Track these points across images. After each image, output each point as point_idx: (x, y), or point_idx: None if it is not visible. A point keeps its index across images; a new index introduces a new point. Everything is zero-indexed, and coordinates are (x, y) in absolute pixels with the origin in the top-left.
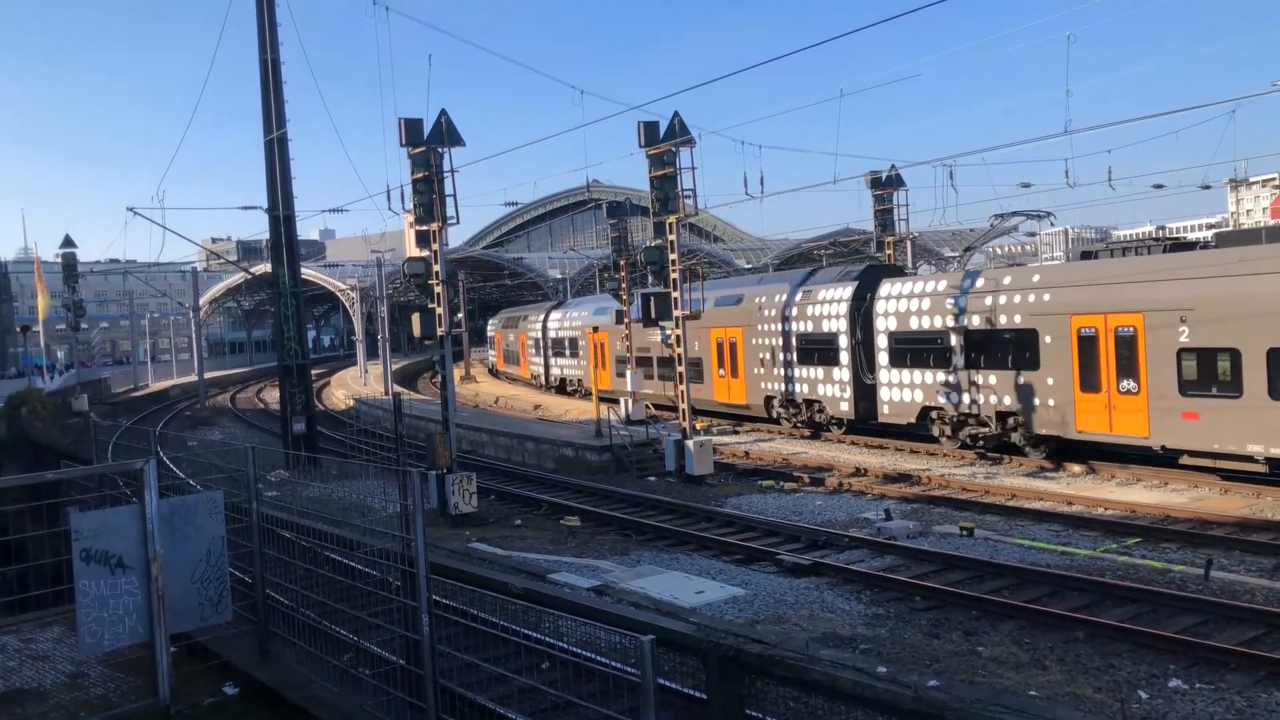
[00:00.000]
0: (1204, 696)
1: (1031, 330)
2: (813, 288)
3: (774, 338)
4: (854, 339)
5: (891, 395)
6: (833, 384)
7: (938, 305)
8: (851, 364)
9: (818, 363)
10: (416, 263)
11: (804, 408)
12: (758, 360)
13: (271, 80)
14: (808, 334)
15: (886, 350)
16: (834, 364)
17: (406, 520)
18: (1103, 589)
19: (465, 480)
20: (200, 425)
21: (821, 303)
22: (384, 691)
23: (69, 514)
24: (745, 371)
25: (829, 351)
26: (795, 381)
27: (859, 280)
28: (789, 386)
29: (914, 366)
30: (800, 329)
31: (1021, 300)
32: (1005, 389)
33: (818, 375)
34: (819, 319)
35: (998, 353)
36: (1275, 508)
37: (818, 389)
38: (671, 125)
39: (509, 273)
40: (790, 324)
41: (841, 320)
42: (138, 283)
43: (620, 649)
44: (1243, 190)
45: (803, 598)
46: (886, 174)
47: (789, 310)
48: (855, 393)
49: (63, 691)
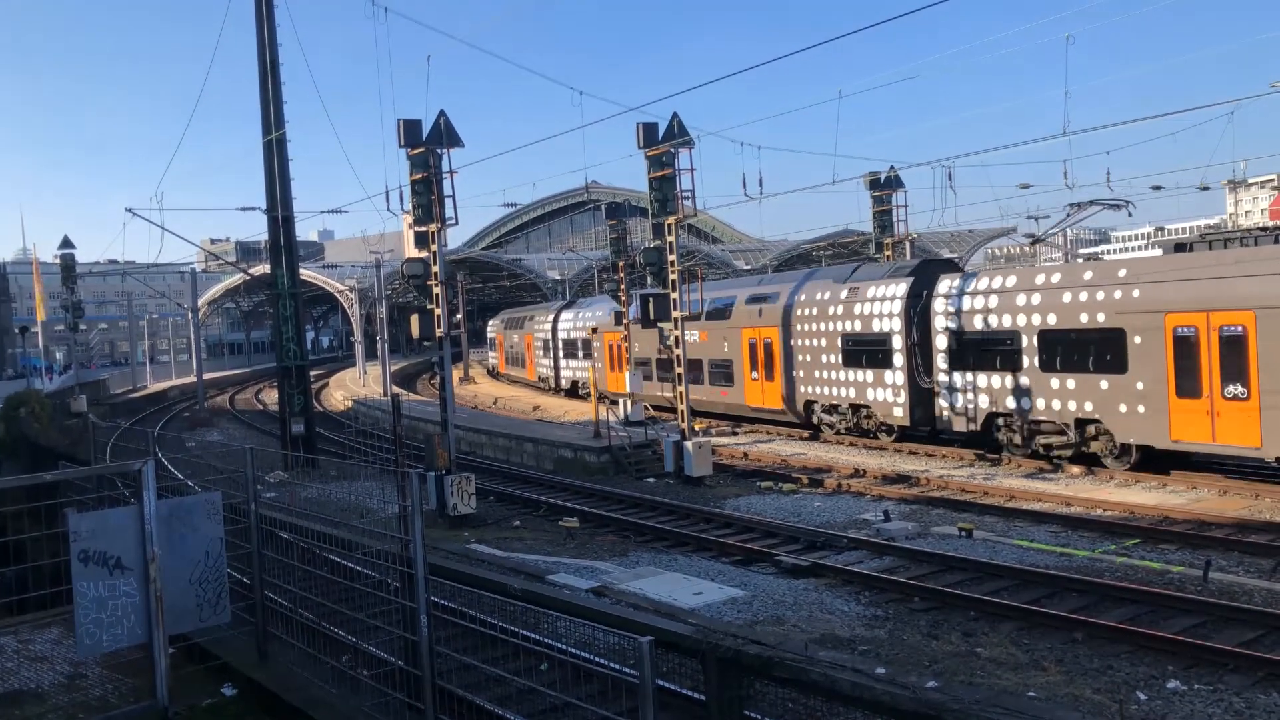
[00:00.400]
0: (1202, 698)
1: (1117, 330)
2: (859, 284)
3: (815, 338)
4: (909, 339)
5: (952, 400)
6: (884, 388)
7: (1007, 302)
8: (906, 366)
9: (866, 365)
10: (415, 264)
11: (850, 414)
12: (796, 362)
13: (270, 81)
14: (855, 334)
15: (946, 352)
16: (886, 366)
17: (405, 521)
18: (1101, 590)
19: (464, 481)
20: (199, 426)
21: (871, 300)
22: (382, 693)
23: (67, 515)
24: (781, 375)
25: (880, 353)
26: (840, 385)
27: (914, 276)
28: (833, 391)
29: (978, 369)
30: (846, 329)
31: (1106, 297)
32: (1085, 394)
33: (866, 379)
34: (868, 318)
35: (1077, 354)
36: (1274, 509)
37: (866, 393)
38: (670, 126)
39: (508, 274)
40: (834, 323)
41: (895, 319)
42: (136, 284)
43: (619, 650)
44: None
45: (801, 599)
46: (885, 175)
47: (832, 308)
48: (910, 398)
49: (61, 693)
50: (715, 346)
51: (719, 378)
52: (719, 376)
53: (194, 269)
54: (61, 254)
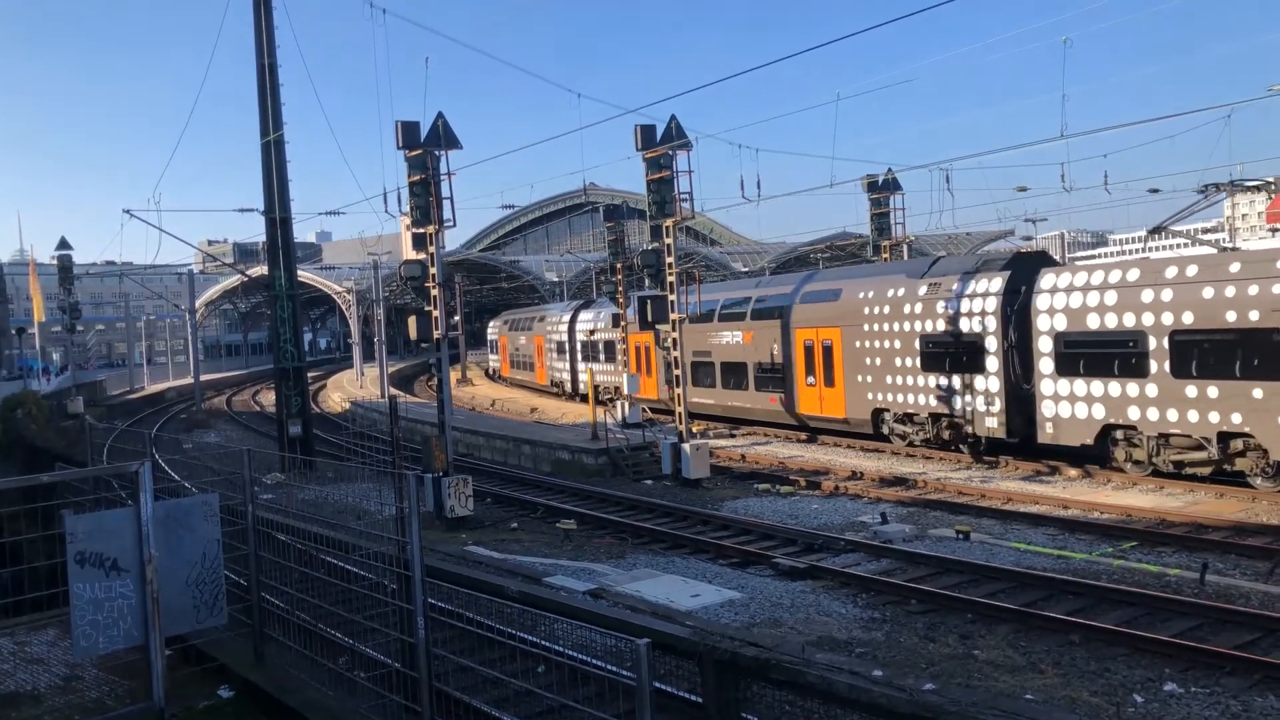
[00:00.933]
0: (1199, 700)
1: (1276, 330)
2: (940, 280)
3: (887, 339)
4: (1006, 341)
5: (1058, 410)
6: (974, 395)
7: (1129, 299)
8: (1002, 371)
9: (951, 370)
10: (413, 265)
11: (928, 424)
12: (863, 366)
13: (268, 83)
14: (937, 335)
15: (1052, 355)
16: (976, 371)
17: (402, 523)
18: (1098, 593)
19: (461, 483)
20: (196, 428)
21: (957, 297)
22: (379, 695)
23: (64, 516)
24: (845, 380)
25: (969, 356)
26: (917, 392)
27: (1010, 270)
28: (908, 398)
29: (1092, 375)
30: (926, 329)
31: (1261, 292)
32: (1232, 404)
33: (952, 385)
34: (954, 317)
35: (1220, 358)
36: (1270, 512)
37: (952, 401)
38: (668, 128)
39: (505, 275)
40: (911, 323)
41: (989, 318)
42: (134, 285)
43: (616, 652)
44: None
45: (799, 601)
46: (883, 178)
47: (908, 306)
48: (1007, 406)
49: (57, 695)
50: (763, 349)
51: (767, 383)
52: (767, 381)
53: (191, 270)
54: (58, 255)
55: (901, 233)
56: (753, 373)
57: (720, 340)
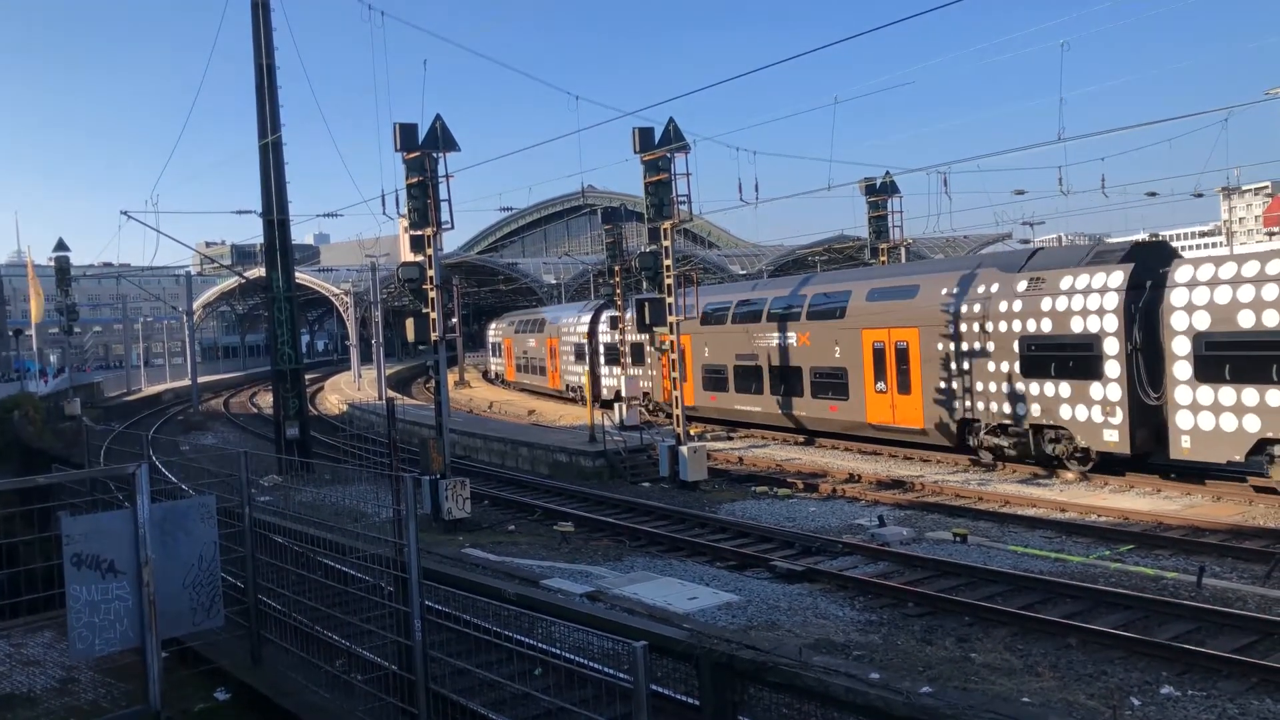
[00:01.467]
0: (1196, 703)
1: None
2: (1043, 274)
3: (978, 341)
4: (1129, 343)
5: (1198, 422)
6: (1090, 405)
7: None
8: (1125, 377)
9: (1057, 375)
10: (411, 267)
11: (1029, 436)
12: (947, 371)
13: (266, 85)
14: (1040, 336)
15: (1190, 359)
16: (1091, 377)
17: (399, 525)
18: (1096, 596)
19: (459, 485)
20: (193, 430)
21: (1066, 293)
22: (376, 697)
23: (60, 518)
24: (923, 386)
25: (1082, 360)
26: (1016, 400)
27: (1132, 262)
28: (1004, 407)
29: (1244, 382)
30: (1027, 329)
31: None
32: None
33: (1060, 393)
34: (1063, 316)
35: None
36: (1267, 515)
37: (1059, 411)
38: (667, 131)
39: (504, 278)
40: (1007, 322)
41: (1108, 317)
42: (131, 287)
43: (613, 655)
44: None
45: (796, 604)
46: (881, 181)
47: (1004, 304)
48: (1131, 417)
49: (53, 697)
50: (822, 351)
51: (826, 389)
52: (826, 388)
53: (189, 272)
54: (56, 256)
55: (899, 235)
56: (809, 378)
57: (769, 342)
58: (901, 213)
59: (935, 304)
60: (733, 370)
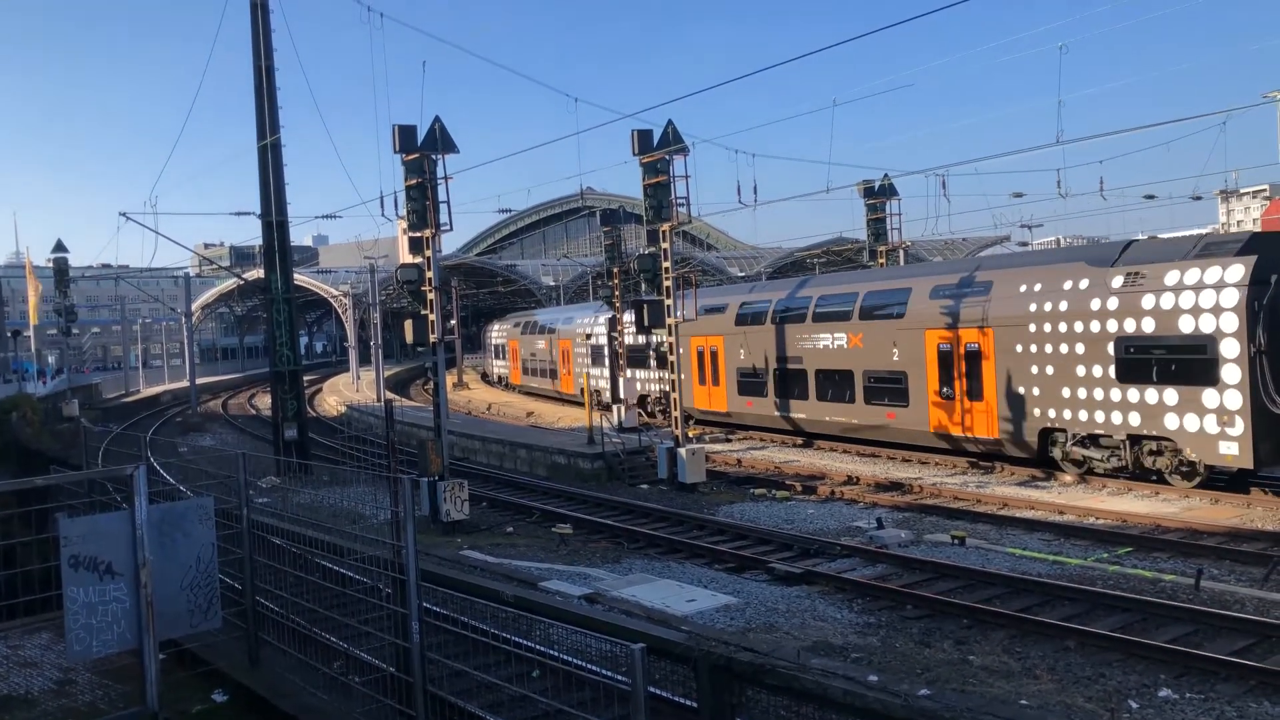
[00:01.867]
0: (1194, 706)
1: None
2: (1143, 268)
3: (1063, 343)
4: (1252, 344)
5: None
6: (1202, 413)
7: None
8: (1247, 383)
9: (1161, 380)
10: (409, 269)
11: (1124, 447)
12: (1025, 375)
13: (265, 87)
14: (1141, 337)
15: None
16: (1205, 382)
17: (397, 527)
18: (1094, 598)
19: (457, 487)
20: (192, 431)
21: (1173, 290)
22: (374, 699)
23: (58, 520)
24: (997, 392)
25: (1193, 364)
26: (1109, 408)
27: (1255, 254)
28: (1095, 415)
29: None
30: (1124, 329)
31: None
32: None
33: (1165, 400)
34: (1169, 314)
35: None
36: (1265, 518)
37: (1163, 421)
38: (665, 133)
39: (502, 279)
40: (1099, 322)
41: (1227, 316)
42: (130, 288)
43: (611, 657)
44: (1233, 201)
45: (794, 606)
46: (879, 183)
47: (1095, 301)
48: (1255, 427)
49: (50, 698)
50: (876, 354)
51: (881, 394)
52: (881, 393)
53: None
54: (54, 258)
55: (898, 238)
56: (861, 382)
57: (816, 344)
58: (900, 215)
59: (1012, 302)
60: (773, 374)
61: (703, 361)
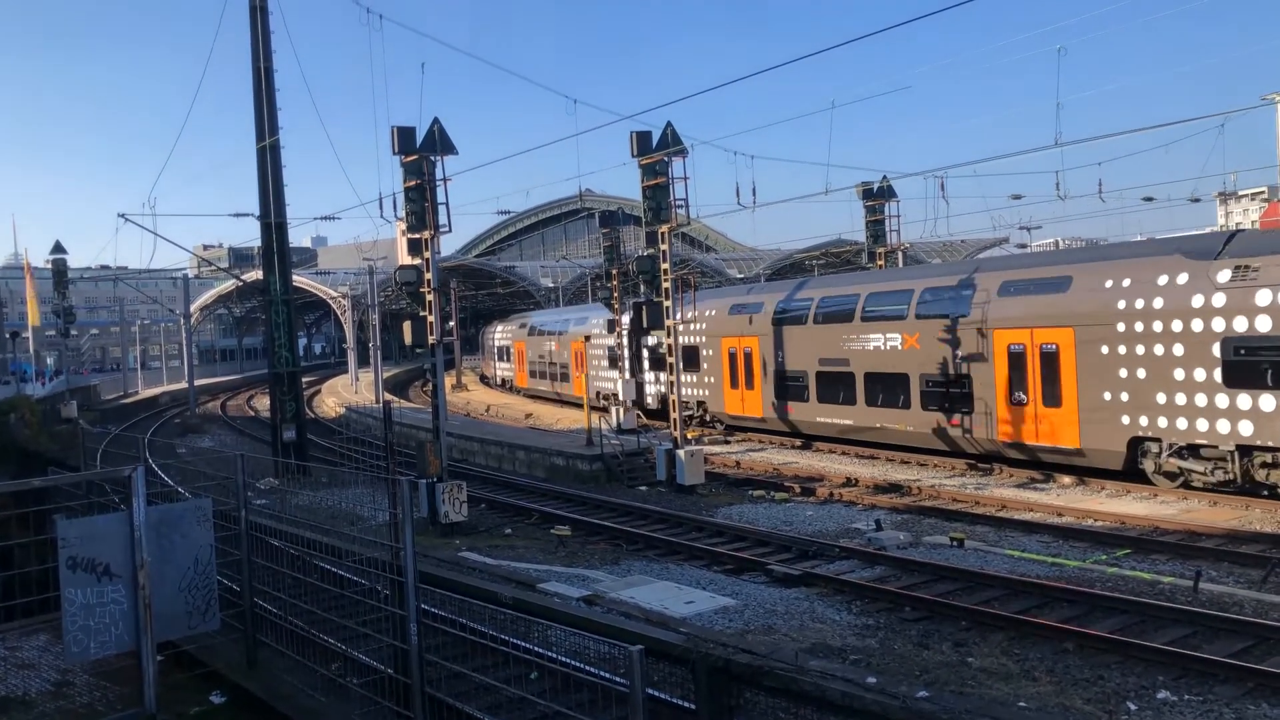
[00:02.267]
0: (1192, 708)
1: None
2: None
3: (1158, 343)
4: None
5: None
6: None
7: None
8: None
9: (1276, 385)
10: (408, 271)
11: (1231, 459)
12: (1113, 380)
13: (264, 88)
14: (1255, 338)
15: None
16: None
17: (395, 529)
18: (1092, 600)
19: (455, 489)
20: (190, 432)
21: None
22: (372, 701)
23: (56, 521)
24: (1079, 397)
25: None
26: (1215, 416)
27: None
28: (1196, 423)
29: None
30: (1233, 329)
31: None
32: None
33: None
34: None
35: None
36: (1264, 520)
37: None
38: (664, 135)
39: (501, 281)
40: (1204, 321)
41: None
42: (128, 289)
43: (609, 659)
44: (1232, 203)
45: (793, 608)
46: (878, 185)
47: (1200, 299)
48: None
49: (48, 700)
50: (936, 356)
51: (940, 399)
52: (940, 398)
53: (186, 275)
54: (53, 259)
55: (896, 240)
56: (917, 386)
57: (865, 345)
58: (899, 217)
59: (1096, 299)
60: (815, 378)
61: (735, 364)
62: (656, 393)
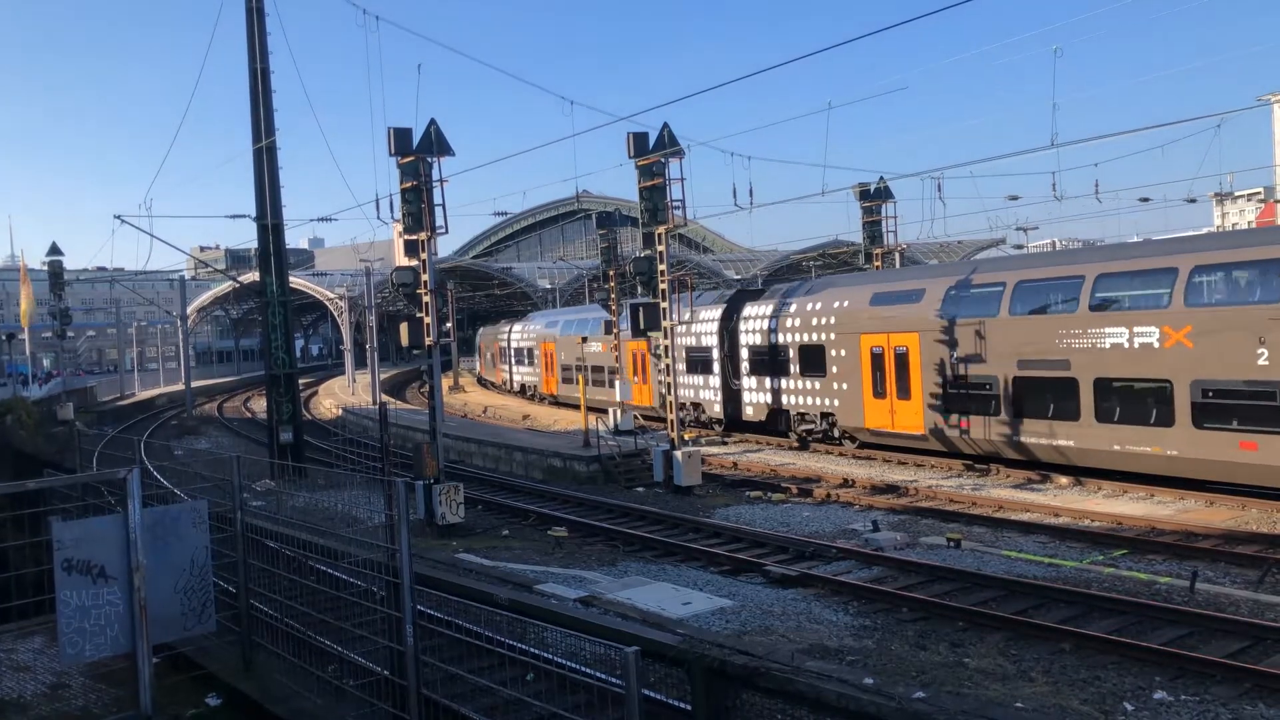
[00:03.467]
0: (1189, 709)
1: None
2: None
3: None
4: None
5: None
6: None
7: None
8: None
9: None
10: (405, 272)
11: None
12: None
13: (261, 89)
14: None
15: None
16: None
17: (392, 530)
18: (1089, 601)
19: (452, 490)
20: (186, 434)
21: None
22: (368, 703)
23: (51, 523)
24: None
25: None
26: None
27: None
28: None
29: None
30: None
31: None
32: None
33: None
34: None
35: None
36: (1260, 520)
37: None
38: (661, 136)
39: (498, 282)
40: None
41: None
42: (125, 291)
43: (606, 660)
44: (1228, 204)
45: (790, 609)
46: (875, 186)
47: None
48: None
49: (43, 702)
50: (1224, 357)
51: (1229, 416)
52: (1229, 414)
53: (183, 276)
54: (49, 260)
55: (894, 241)
56: (1189, 398)
57: (1097, 342)
58: (896, 218)
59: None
60: (1009, 384)
61: (880, 367)
62: (760, 403)
